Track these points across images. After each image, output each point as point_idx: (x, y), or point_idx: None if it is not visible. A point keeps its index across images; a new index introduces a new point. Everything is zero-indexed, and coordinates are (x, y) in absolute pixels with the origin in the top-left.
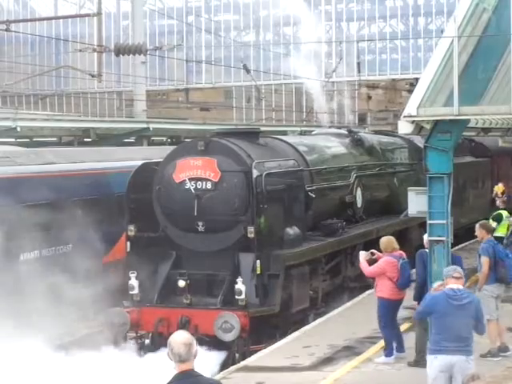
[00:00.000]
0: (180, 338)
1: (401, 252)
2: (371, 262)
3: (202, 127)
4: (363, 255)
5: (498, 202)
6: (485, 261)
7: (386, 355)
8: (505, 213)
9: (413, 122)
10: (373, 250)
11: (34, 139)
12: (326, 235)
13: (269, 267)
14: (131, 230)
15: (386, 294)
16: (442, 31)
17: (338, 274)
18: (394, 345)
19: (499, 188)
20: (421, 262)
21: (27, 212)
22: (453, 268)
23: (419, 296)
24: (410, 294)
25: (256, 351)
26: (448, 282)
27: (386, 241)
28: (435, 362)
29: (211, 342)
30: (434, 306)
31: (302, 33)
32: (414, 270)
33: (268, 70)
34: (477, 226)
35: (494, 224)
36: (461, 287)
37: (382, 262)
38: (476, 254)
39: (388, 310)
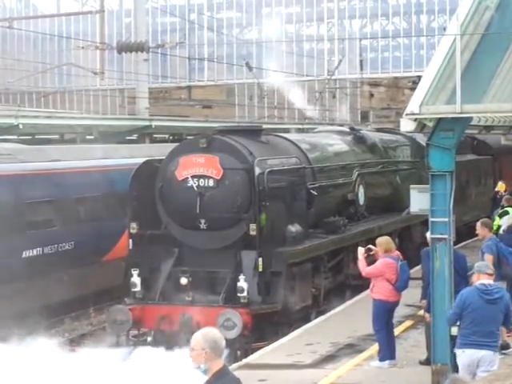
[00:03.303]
0: (218, 332)
1: (398, 253)
2: (368, 259)
3: (204, 125)
4: (362, 252)
5: (504, 201)
6: (488, 258)
7: (381, 359)
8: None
9: (415, 119)
10: (370, 246)
11: (37, 136)
12: (328, 233)
13: (271, 265)
14: (133, 227)
15: (383, 296)
16: (444, 29)
17: (340, 271)
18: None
19: (501, 186)
20: (427, 260)
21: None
22: (485, 264)
23: (426, 294)
24: (406, 295)
25: (258, 349)
26: (481, 277)
27: (385, 241)
28: (462, 356)
29: None
30: (465, 301)
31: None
32: (412, 270)
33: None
34: (478, 224)
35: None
36: (492, 282)
37: (380, 264)
38: (477, 251)
39: (384, 312)
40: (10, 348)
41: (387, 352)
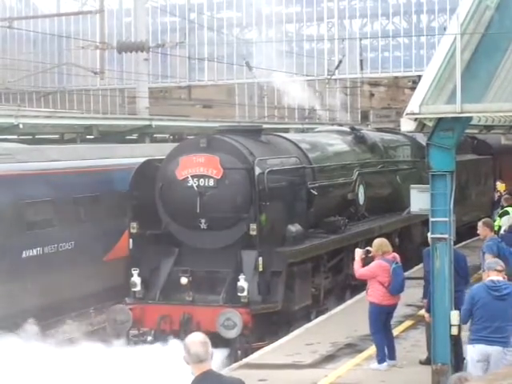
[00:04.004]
0: (196, 337)
1: (394, 255)
2: (366, 260)
3: (204, 124)
4: (359, 253)
5: (503, 201)
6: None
7: (379, 362)
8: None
9: (415, 119)
10: (369, 248)
11: (37, 136)
12: (328, 232)
13: (271, 264)
14: (134, 227)
15: (376, 299)
16: (444, 29)
17: (340, 271)
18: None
19: (501, 187)
20: (429, 260)
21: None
22: (495, 261)
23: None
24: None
25: (258, 348)
26: (490, 274)
27: (378, 243)
28: (473, 351)
29: (213, 339)
30: (474, 298)
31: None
32: (411, 271)
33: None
34: (479, 223)
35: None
36: (501, 279)
37: (373, 266)
38: (478, 251)
39: (379, 316)
40: (10, 348)
41: (384, 355)
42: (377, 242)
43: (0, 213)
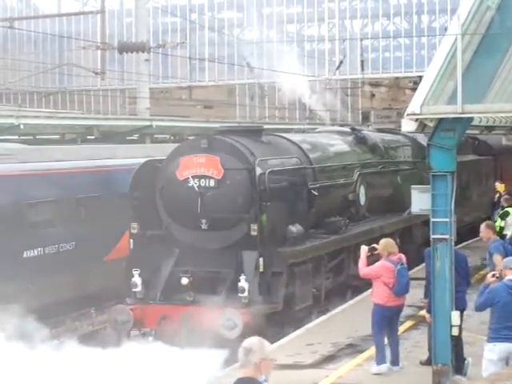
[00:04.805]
0: (244, 343)
1: (400, 256)
2: (372, 259)
3: (205, 125)
4: (364, 250)
5: (503, 201)
6: (498, 259)
7: (378, 363)
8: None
9: (416, 120)
10: (374, 245)
11: (38, 137)
12: (329, 233)
13: (272, 265)
14: (134, 227)
15: (380, 300)
16: (445, 29)
17: (341, 271)
18: (388, 353)
19: (501, 187)
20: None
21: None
22: (511, 259)
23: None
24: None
25: None
26: (506, 273)
27: (384, 244)
28: (493, 350)
29: (214, 339)
30: (494, 297)
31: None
32: (411, 272)
33: (271, 68)
34: (482, 226)
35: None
36: None
37: (377, 266)
38: (479, 252)
39: (382, 317)
40: (11, 348)
41: (383, 356)
42: (383, 242)
43: (1, 213)
